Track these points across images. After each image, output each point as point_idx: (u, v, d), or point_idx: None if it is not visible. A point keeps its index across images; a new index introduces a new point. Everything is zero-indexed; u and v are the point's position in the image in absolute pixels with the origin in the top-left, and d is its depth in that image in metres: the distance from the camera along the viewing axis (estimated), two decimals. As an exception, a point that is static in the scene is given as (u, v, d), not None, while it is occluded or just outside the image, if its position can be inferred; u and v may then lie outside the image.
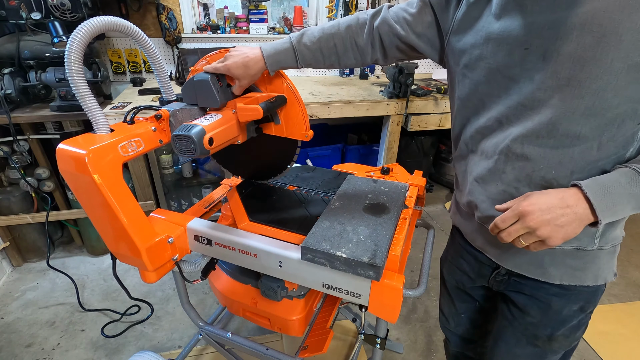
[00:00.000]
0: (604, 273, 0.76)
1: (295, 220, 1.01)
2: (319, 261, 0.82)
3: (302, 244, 0.83)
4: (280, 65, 0.89)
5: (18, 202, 2.03)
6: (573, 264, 0.75)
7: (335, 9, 2.63)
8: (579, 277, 0.76)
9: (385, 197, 1.03)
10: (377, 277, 0.77)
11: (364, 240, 0.84)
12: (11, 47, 1.75)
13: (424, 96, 2.28)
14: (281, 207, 1.09)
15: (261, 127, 1.00)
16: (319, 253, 0.81)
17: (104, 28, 0.75)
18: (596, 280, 0.76)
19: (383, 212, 0.95)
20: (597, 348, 1.75)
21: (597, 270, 0.76)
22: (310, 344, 1.22)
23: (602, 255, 0.74)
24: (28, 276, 2.14)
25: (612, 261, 0.77)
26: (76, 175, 0.74)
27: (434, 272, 2.20)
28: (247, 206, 1.08)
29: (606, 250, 0.74)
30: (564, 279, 0.76)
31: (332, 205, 0.99)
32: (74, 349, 1.69)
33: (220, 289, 1.18)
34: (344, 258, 0.78)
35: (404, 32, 0.83)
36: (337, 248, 0.80)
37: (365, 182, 1.12)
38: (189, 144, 0.75)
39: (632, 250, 2.51)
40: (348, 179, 1.15)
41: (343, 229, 0.88)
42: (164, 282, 2.08)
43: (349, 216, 0.93)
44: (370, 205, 0.99)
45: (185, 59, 2.29)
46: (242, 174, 1.21)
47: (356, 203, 1.00)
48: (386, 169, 1.24)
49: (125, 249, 0.84)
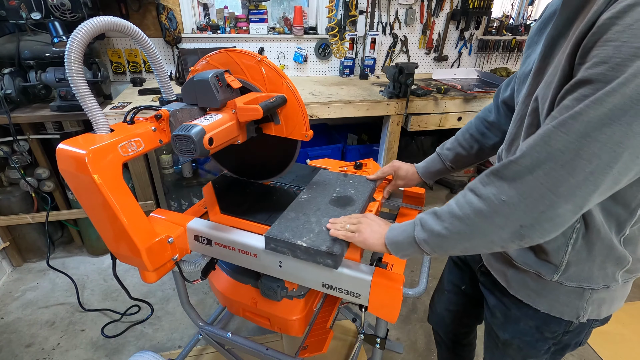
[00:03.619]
0: (561, 307, 0.76)
1: (266, 213, 1.03)
2: (282, 250, 0.85)
3: (266, 233, 0.86)
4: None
5: (18, 202, 2.03)
6: (531, 285, 0.77)
7: (335, 9, 2.63)
8: (533, 299, 0.78)
9: (353, 191, 1.06)
10: (335, 265, 0.81)
11: (326, 230, 0.87)
12: (11, 47, 1.75)
13: (424, 96, 2.28)
14: (254, 201, 1.11)
15: (261, 127, 1.00)
16: (281, 242, 0.84)
17: (104, 28, 0.75)
18: (550, 309, 0.77)
19: (348, 205, 0.99)
20: (597, 348, 1.75)
21: (552, 301, 0.76)
22: (310, 344, 1.22)
23: (562, 290, 0.74)
24: (28, 276, 2.14)
25: (578, 302, 0.74)
26: (76, 175, 0.74)
27: (434, 272, 2.21)
28: (221, 199, 1.10)
29: (568, 288, 0.73)
30: (519, 294, 0.80)
31: (300, 197, 1.03)
32: (74, 349, 1.69)
33: (220, 289, 1.18)
34: (304, 247, 0.82)
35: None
36: (298, 238, 0.84)
37: (335, 177, 1.16)
38: (188, 144, 0.75)
39: (632, 250, 2.51)
40: (320, 173, 1.18)
41: (307, 219, 0.92)
42: (164, 282, 2.08)
43: (314, 208, 0.97)
44: (337, 198, 1.03)
45: (185, 59, 2.29)
46: (242, 174, 1.21)
47: (324, 196, 1.04)
48: (359, 164, 1.25)
49: (125, 249, 0.84)
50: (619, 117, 0.47)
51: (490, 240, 0.62)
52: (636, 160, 0.49)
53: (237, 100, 0.87)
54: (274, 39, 2.66)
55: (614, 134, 0.48)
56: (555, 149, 0.52)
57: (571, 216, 0.55)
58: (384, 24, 2.86)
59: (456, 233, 0.65)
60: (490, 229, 0.61)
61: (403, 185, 1.13)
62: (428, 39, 3.00)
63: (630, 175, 0.52)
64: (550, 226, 0.56)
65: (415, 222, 0.73)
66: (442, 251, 0.69)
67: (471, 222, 0.62)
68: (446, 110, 2.33)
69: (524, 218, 0.57)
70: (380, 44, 2.91)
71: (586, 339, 0.84)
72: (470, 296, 1.08)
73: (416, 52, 3.05)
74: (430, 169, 1.08)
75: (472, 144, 1.02)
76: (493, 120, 0.99)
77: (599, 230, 0.66)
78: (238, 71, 0.95)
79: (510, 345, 0.88)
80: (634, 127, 0.47)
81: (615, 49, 0.47)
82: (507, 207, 0.57)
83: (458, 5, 2.91)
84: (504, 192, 0.58)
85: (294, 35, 2.67)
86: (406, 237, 0.73)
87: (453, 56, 3.16)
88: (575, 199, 0.53)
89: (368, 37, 2.77)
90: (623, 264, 0.70)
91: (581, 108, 0.49)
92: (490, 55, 3.23)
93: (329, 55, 2.83)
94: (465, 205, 0.63)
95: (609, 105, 0.47)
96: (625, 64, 0.46)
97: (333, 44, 2.59)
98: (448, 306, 1.18)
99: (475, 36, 3.11)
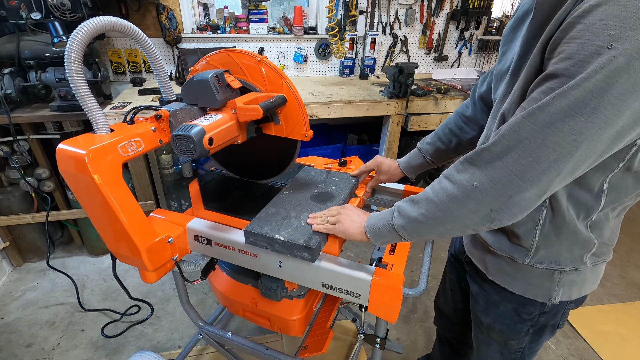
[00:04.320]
0: (534, 289, 0.81)
1: (249, 208, 1.04)
2: (260, 244, 0.87)
3: (245, 228, 0.88)
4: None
5: (18, 202, 2.03)
6: (507, 269, 0.82)
7: (335, 9, 2.63)
8: (509, 282, 0.83)
9: (334, 187, 1.08)
10: (312, 258, 0.83)
11: (304, 225, 0.88)
12: (11, 47, 1.75)
13: (424, 96, 2.28)
14: (238, 197, 1.13)
15: (261, 127, 1.00)
16: (260, 236, 0.86)
17: (104, 28, 0.75)
18: (524, 292, 0.82)
19: (328, 200, 1.01)
20: (597, 348, 1.75)
21: (526, 284, 0.81)
22: (310, 344, 1.22)
23: (534, 273, 0.79)
24: (28, 276, 2.14)
25: (549, 284, 0.79)
26: (76, 175, 0.74)
27: (434, 272, 2.21)
28: (206, 196, 1.11)
29: (539, 270, 0.78)
30: (497, 278, 0.85)
31: (282, 193, 1.04)
32: (74, 349, 1.69)
33: (220, 289, 1.18)
34: (281, 241, 0.83)
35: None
36: (276, 232, 0.85)
37: (318, 173, 1.17)
38: (188, 144, 0.75)
39: (632, 250, 2.51)
40: (304, 170, 1.20)
41: (287, 214, 0.93)
42: (164, 282, 2.08)
43: (295, 203, 0.99)
44: (318, 194, 1.04)
45: (185, 59, 2.29)
46: (242, 174, 1.21)
47: (305, 192, 1.05)
48: (343, 161, 1.26)
49: (125, 249, 0.84)
50: (580, 109, 0.51)
51: (463, 224, 0.66)
52: (593, 148, 0.54)
53: (237, 100, 0.87)
54: (274, 39, 2.66)
55: (576, 124, 0.52)
56: (523, 137, 0.56)
57: (536, 199, 0.59)
58: (384, 24, 2.86)
59: (432, 218, 0.68)
60: (463, 214, 0.64)
61: (385, 180, 1.15)
62: (428, 39, 3.00)
63: (588, 162, 0.56)
64: (517, 209, 0.60)
65: (393, 210, 0.76)
66: (419, 236, 0.73)
67: (445, 208, 0.66)
68: (446, 110, 2.32)
69: (494, 202, 0.60)
70: (380, 44, 2.91)
71: (563, 322, 0.88)
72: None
73: (416, 52, 3.05)
74: (411, 163, 1.11)
75: (451, 139, 1.06)
76: (470, 115, 1.03)
77: (564, 214, 0.70)
78: (238, 71, 0.95)
79: (492, 329, 0.92)
80: (593, 119, 0.51)
81: (579, 46, 0.50)
82: (479, 193, 0.61)
83: (458, 5, 2.91)
84: (476, 178, 0.61)
85: (294, 35, 2.67)
86: (385, 224, 0.77)
87: (453, 56, 3.16)
88: (540, 183, 0.57)
89: (368, 37, 2.77)
90: (589, 247, 0.75)
91: (547, 100, 0.53)
92: (490, 55, 3.23)
93: (329, 55, 2.83)
94: (440, 192, 0.66)
95: (572, 98, 0.51)
96: (587, 60, 0.49)
97: (333, 44, 2.59)
98: (454, 305, 1.19)
99: (475, 36, 3.11)
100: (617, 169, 0.63)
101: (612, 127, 0.51)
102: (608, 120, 0.50)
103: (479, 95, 1.00)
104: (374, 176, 1.17)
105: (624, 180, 0.66)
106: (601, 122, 0.50)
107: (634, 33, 0.46)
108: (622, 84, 0.48)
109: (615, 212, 0.74)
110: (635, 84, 0.48)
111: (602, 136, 0.52)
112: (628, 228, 2.73)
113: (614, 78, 0.48)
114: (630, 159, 0.62)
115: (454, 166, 0.67)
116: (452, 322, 1.26)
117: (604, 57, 0.48)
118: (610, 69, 0.48)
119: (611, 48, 0.47)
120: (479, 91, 1.00)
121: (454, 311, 1.21)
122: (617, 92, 0.48)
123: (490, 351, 0.97)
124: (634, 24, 0.46)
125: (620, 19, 0.47)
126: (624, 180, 0.66)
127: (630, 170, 0.64)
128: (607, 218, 0.73)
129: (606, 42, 0.48)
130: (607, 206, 0.70)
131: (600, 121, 0.50)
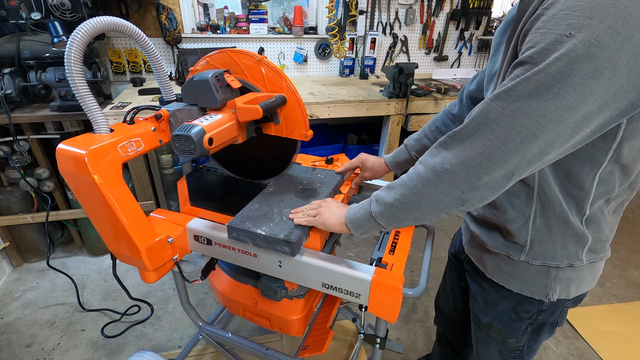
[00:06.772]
0: (531, 287, 0.81)
1: (234, 205, 1.04)
2: (243, 239, 0.88)
3: (228, 223, 0.88)
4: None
5: (18, 202, 2.03)
6: (504, 267, 0.83)
7: (335, 9, 2.63)
8: (506, 281, 0.84)
9: (319, 184, 1.09)
10: (292, 252, 0.84)
11: (286, 220, 0.90)
12: (11, 47, 1.75)
13: (424, 96, 2.28)
14: (225, 194, 1.14)
15: (261, 127, 1.00)
16: (242, 231, 0.87)
17: (104, 28, 0.75)
18: (522, 290, 0.82)
19: (312, 197, 1.02)
20: (597, 348, 1.75)
21: (523, 282, 0.81)
22: (310, 344, 1.22)
23: (530, 270, 0.79)
24: (28, 276, 2.14)
25: (546, 281, 0.79)
26: (76, 175, 0.74)
27: (434, 272, 2.21)
28: (193, 192, 1.11)
29: (535, 267, 0.78)
30: (494, 276, 0.86)
31: (266, 190, 1.05)
32: (74, 349, 1.69)
33: (220, 289, 1.18)
34: (263, 235, 0.84)
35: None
36: (258, 227, 0.87)
37: (304, 170, 1.18)
38: (188, 144, 0.75)
39: (632, 250, 2.51)
40: (290, 167, 1.19)
41: (269, 210, 0.94)
42: (164, 282, 2.08)
43: (278, 200, 1.00)
44: (302, 190, 1.05)
45: (185, 59, 2.29)
46: (241, 174, 1.21)
47: (289, 188, 1.06)
48: (330, 159, 1.26)
49: (125, 249, 0.84)
50: (544, 93, 0.53)
51: (436, 207, 0.67)
52: (559, 132, 0.55)
53: (237, 100, 0.87)
54: (274, 39, 2.66)
55: (540, 107, 0.53)
56: (491, 119, 0.58)
57: (504, 181, 0.61)
58: (384, 24, 2.86)
59: (406, 203, 0.70)
60: (436, 197, 0.66)
61: (370, 177, 1.16)
62: (428, 39, 3.00)
63: (556, 147, 0.57)
64: (487, 191, 0.62)
65: (371, 199, 0.78)
66: (396, 222, 0.74)
67: (419, 191, 0.67)
68: (446, 110, 2.32)
69: (464, 184, 0.62)
70: (380, 44, 2.91)
71: (562, 320, 0.88)
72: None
73: (416, 52, 3.05)
74: (397, 159, 1.12)
75: (437, 136, 1.07)
76: (457, 113, 1.05)
77: (554, 208, 0.72)
78: (238, 71, 0.95)
79: (491, 327, 0.92)
80: (556, 102, 0.53)
81: (542, 35, 0.54)
82: (450, 175, 0.63)
83: (458, 5, 2.91)
84: (447, 161, 0.63)
85: (294, 35, 2.67)
86: (364, 213, 0.78)
87: (453, 56, 3.17)
88: (507, 165, 0.58)
89: (368, 37, 2.77)
90: (583, 242, 0.75)
91: (513, 84, 0.55)
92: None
93: (329, 55, 2.83)
94: (414, 176, 0.68)
95: (535, 82, 0.53)
96: (549, 48, 0.52)
97: (333, 44, 2.59)
98: (455, 304, 1.20)
99: (475, 36, 3.11)
100: (605, 162, 0.65)
101: (576, 112, 0.53)
102: (571, 104, 0.52)
103: (467, 93, 1.02)
104: (359, 173, 1.17)
105: (613, 173, 0.67)
106: (564, 106, 0.52)
107: (590, 21, 0.49)
108: (583, 70, 0.50)
109: (611, 207, 0.74)
110: (596, 69, 0.50)
111: (567, 120, 0.53)
112: (628, 228, 2.72)
113: (574, 64, 0.50)
114: (616, 150, 0.63)
115: (428, 151, 0.68)
116: (452, 322, 1.26)
117: (565, 45, 0.50)
118: (571, 55, 0.50)
119: (570, 36, 0.50)
120: (467, 89, 1.02)
121: (454, 311, 1.22)
122: (579, 78, 0.50)
123: (489, 350, 0.98)
124: (590, 13, 0.49)
125: (578, 8, 0.50)
126: (613, 173, 0.67)
127: (618, 163, 0.65)
128: (602, 213, 0.73)
129: (566, 30, 0.50)
130: (597, 199, 0.70)
131: (563, 105, 0.52)
